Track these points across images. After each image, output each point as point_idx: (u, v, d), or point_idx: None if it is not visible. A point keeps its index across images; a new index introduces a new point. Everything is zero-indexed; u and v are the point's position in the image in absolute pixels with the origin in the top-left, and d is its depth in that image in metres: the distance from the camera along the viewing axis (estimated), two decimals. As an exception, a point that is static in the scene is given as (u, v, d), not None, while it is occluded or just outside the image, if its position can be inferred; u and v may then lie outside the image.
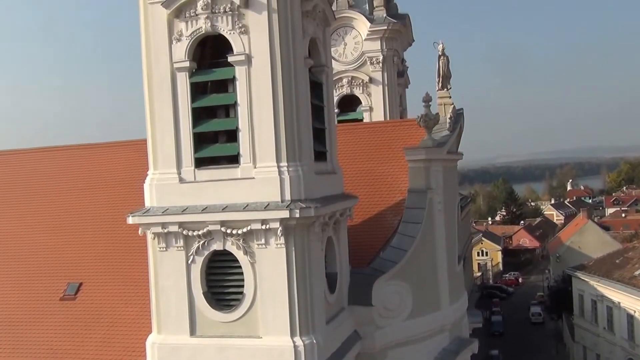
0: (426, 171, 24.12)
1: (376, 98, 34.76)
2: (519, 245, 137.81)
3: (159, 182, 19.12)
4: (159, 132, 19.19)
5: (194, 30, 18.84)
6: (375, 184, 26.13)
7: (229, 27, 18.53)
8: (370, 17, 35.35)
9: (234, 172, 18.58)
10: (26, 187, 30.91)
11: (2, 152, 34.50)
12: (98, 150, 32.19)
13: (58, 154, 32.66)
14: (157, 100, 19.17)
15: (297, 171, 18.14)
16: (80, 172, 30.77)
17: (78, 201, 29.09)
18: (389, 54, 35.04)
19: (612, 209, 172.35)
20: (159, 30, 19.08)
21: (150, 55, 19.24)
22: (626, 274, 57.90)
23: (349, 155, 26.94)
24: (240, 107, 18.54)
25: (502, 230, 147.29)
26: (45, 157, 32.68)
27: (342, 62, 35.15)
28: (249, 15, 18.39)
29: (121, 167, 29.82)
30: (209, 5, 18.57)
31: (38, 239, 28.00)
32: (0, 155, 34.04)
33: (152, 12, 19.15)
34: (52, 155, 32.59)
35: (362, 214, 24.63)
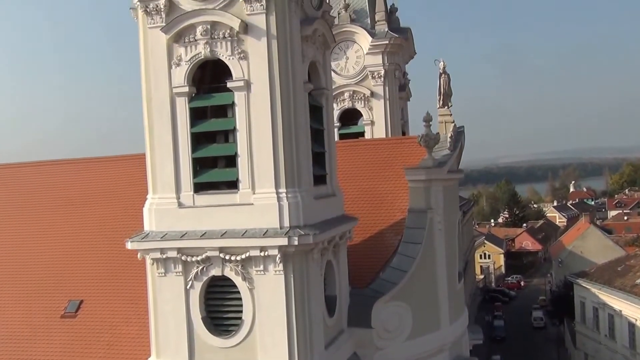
0: (426, 191, 24.08)
1: (377, 112, 34.71)
2: (522, 247, 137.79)
3: (158, 207, 19.10)
4: (158, 157, 19.17)
5: (193, 55, 18.83)
6: (375, 202, 26.10)
7: (228, 52, 18.52)
8: (371, 31, 35.28)
9: (233, 198, 18.56)
10: (29, 201, 31.00)
11: (4, 165, 34.56)
12: (100, 163, 32.27)
13: (61, 167, 32.81)
14: (156, 124, 19.16)
15: (296, 197, 18.13)
16: (82, 186, 30.85)
17: (80, 215, 29.15)
18: (391, 68, 34.96)
19: (615, 212, 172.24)
20: (159, 55, 19.07)
21: (150, 79, 19.24)
22: (627, 282, 57.75)
23: (349, 173, 26.96)
24: (239, 133, 18.52)
25: (505, 232, 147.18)
26: (47, 170, 32.81)
27: (344, 76, 35.12)
28: (248, 41, 18.37)
29: (123, 181, 29.84)
30: (208, 31, 18.56)
31: (40, 254, 28.06)
32: (4, 168, 34.13)
33: (151, 37, 19.14)
34: (54, 169, 32.74)
35: (363, 233, 24.62)
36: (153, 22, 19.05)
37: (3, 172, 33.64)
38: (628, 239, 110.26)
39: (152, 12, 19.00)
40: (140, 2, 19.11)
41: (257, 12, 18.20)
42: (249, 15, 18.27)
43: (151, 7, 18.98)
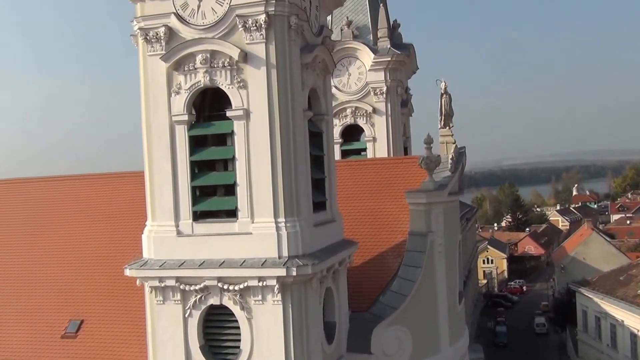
0: (427, 214, 24.02)
1: (380, 129, 34.65)
2: (525, 252, 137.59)
3: (156, 235, 19.10)
4: (157, 184, 19.16)
5: (193, 84, 18.81)
6: (376, 223, 26.05)
7: (228, 81, 18.49)
8: (374, 47, 35.23)
9: (232, 227, 18.55)
10: (34, 217, 31.04)
11: (10, 180, 34.72)
12: (105, 180, 32.33)
13: (64, 183, 32.84)
14: (155, 152, 19.16)
15: (295, 227, 18.10)
16: (86, 203, 30.85)
17: (83, 233, 29.15)
18: (393, 84, 34.91)
19: (617, 215, 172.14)
20: (158, 82, 19.07)
21: (150, 106, 19.25)
22: (630, 292, 57.63)
23: (350, 194, 26.93)
24: (239, 162, 18.50)
25: (508, 237, 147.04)
26: (52, 186, 32.89)
27: (346, 92, 35.12)
28: (248, 70, 18.35)
29: (126, 199, 29.79)
30: (207, 59, 18.54)
31: (44, 271, 28.08)
32: (9, 183, 34.25)
33: (151, 64, 19.14)
34: (59, 185, 32.82)
35: (363, 255, 24.56)
36: (153, 49, 19.04)
37: (7, 187, 33.75)
38: (630, 244, 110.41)
39: (152, 40, 18.99)
40: (140, 30, 19.11)
41: (256, 41, 18.17)
42: (248, 44, 18.24)
43: (151, 35, 18.97)
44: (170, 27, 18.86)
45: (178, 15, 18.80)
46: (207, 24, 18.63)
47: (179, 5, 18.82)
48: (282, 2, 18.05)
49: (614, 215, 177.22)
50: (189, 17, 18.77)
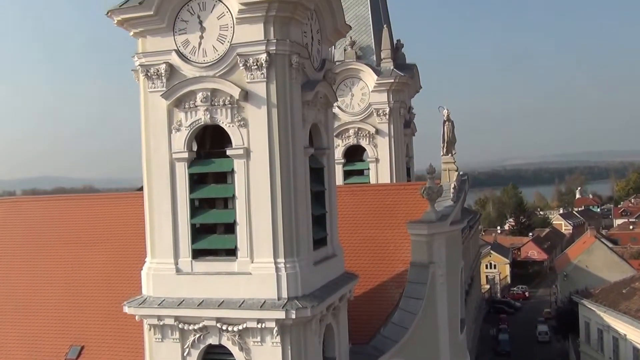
0: (429, 245, 23.95)
1: (382, 150, 34.53)
2: (527, 257, 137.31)
3: (155, 272, 19.00)
4: (157, 221, 19.06)
5: (194, 121, 18.69)
6: (377, 252, 25.93)
7: (228, 119, 18.36)
8: (377, 69, 35.09)
9: (231, 266, 18.43)
10: (33, 239, 31.19)
11: (10, 199, 34.78)
12: (104, 201, 32.41)
13: (65, 204, 33.06)
14: (155, 188, 19.06)
15: (295, 267, 17.98)
16: (86, 224, 31.02)
17: (84, 255, 29.24)
18: (396, 106, 34.80)
19: (620, 220, 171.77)
20: (159, 119, 18.95)
21: (150, 142, 19.14)
22: (632, 305, 57.38)
23: (351, 220, 26.85)
24: (239, 200, 18.37)
25: (511, 241, 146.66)
26: (52, 206, 33.15)
27: (349, 112, 35.01)
28: (248, 108, 18.21)
29: (126, 220, 29.77)
30: (208, 97, 18.40)
31: (43, 296, 28.18)
32: (9, 202, 34.27)
33: (152, 100, 19.03)
34: (58, 205, 33.03)
35: (364, 285, 24.43)
36: (154, 86, 18.92)
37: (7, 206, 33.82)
38: (634, 251, 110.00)
39: (153, 77, 18.88)
40: (141, 67, 19.00)
41: (257, 80, 18.04)
42: (249, 83, 18.11)
43: (152, 72, 18.85)
44: (171, 64, 18.73)
45: (179, 53, 18.66)
46: (208, 61, 18.49)
47: (180, 43, 18.68)
48: (283, 42, 17.90)
49: (616, 219, 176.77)
50: (190, 54, 18.63)
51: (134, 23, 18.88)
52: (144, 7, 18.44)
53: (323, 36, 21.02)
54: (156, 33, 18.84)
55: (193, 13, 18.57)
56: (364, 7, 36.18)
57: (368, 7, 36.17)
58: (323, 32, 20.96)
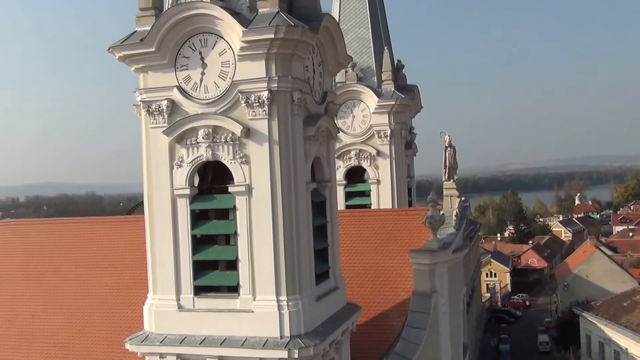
0: (431, 274, 23.87)
1: (384, 171, 34.47)
2: (528, 264, 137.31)
3: (157, 309, 18.92)
4: (159, 257, 19.00)
5: (195, 158, 18.62)
6: (379, 279, 25.87)
7: (230, 156, 18.30)
8: (378, 90, 35.07)
9: (233, 303, 18.34)
10: (35, 262, 31.13)
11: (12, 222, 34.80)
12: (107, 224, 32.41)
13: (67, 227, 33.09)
14: (157, 224, 19.00)
15: (297, 305, 17.88)
16: (88, 248, 30.97)
17: (86, 280, 29.21)
18: (397, 127, 34.76)
19: (620, 227, 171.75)
20: (160, 155, 18.89)
21: (152, 178, 19.08)
22: (634, 319, 57.38)
23: (353, 247, 26.79)
24: (240, 237, 18.29)
25: (511, 248, 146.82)
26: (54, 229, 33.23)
27: (350, 134, 35.00)
28: (250, 145, 18.15)
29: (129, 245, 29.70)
30: (210, 134, 18.34)
31: (44, 323, 28.03)
32: (12, 225, 34.26)
33: (153, 136, 18.96)
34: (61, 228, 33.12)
35: (366, 314, 24.25)
36: (155, 122, 18.86)
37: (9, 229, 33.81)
38: (634, 259, 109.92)
39: (155, 113, 18.83)
40: (143, 103, 18.92)
41: (259, 117, 17.98)
42: (251, 120, 18.05)
43: (153, 108, 18.80)
44: (172, 100, 18.67)
45: (181, 89, 18.60)
46: (210, 98, 18.42)
47: (181, 79, 18.62)
48: (285, 78, 17.85)
49: (616, 226, 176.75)
50: (191, 90, 18.57)
51: (135, 59, 18.83)
52: (145, 44, 18.39)
53: (324, 69, 20.96)
54: (158, 69, 18.79)
55: (194, 49, 18.51)
56: (365, 29, 36.18)
57: (369, 29, 36.16)
58: (324, 65, 20.90)
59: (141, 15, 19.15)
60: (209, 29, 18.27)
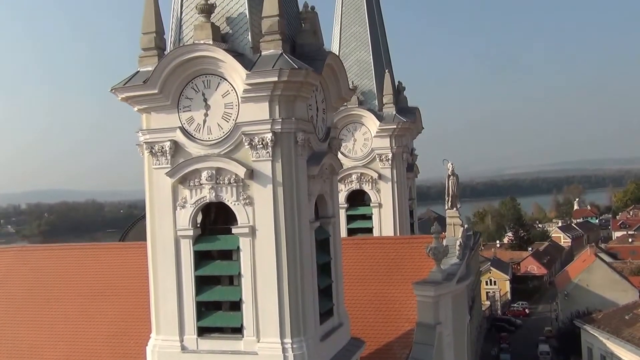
0: (435, 306, 23.77)
1: (385, 195, 34.31)
2: (527, 272, 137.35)
3: (161, 350, 18.86)
4: (162, 297, 18.95)
5: (199, 199, 18.55)
6: (382, 310, 25.73)
7: (234, 198, 18.23)
8: (379, 114, 34.94)
9: (237, 345, 18.26)
10: (39, 290, 30.72)
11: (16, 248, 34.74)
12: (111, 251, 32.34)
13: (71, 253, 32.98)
14: (160, 264, 18.95)
15: (302, 348, 17.81)
16: (93, 275, 30.61)
17: (90, 308, 28.84)
18: (398, 151, 34.63)
19: (619, 232, 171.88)
20: (164, 195, 18.83)
21: (155, 218, 19.03)
22: (636, 332, 57.26)
23: (356, 275, 26.63)
24: (244, 279, 18.22)
25: (510, 255, 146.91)
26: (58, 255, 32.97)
27: (352, 157, 34.84)
28: (254, 187, 18.08)
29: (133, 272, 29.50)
30: (213, 176, 18.28)
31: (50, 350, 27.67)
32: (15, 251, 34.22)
33: (156, 177, 18.91)
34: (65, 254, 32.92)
35: (370, 346, 24.10)
36: (158, 163, 18.80)
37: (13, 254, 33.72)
38: (634, 267, 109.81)
39: (158, 154, 18.77)
40: (146, 144, 18.84)
41: (263, 159, 17.92)
42: (254, 161, 17.99)
43: (156, 149, 18.75)
44: (175, 141, 18.61)
45: (184, 130, 18.55)
46: (213, 139, 18.36)
47: (184, 120, 18.57)
48: (288, 120, 17.81)
49: (615, 232, 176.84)
50: (194, 131, 18.52)
51: (138, 100, 18.79)
52: (148, 86, 18.35)
53: (328, 104, 20.92)
54: (161, 110, 18.75)
55: (197, 90, 18.47)
56: (366, 52, 36.11)
57: (370, 52, 36.06)
58: (328, 101, 20.86)
59: (144, 55, 19.13)
60: (212, 70, 18.23)
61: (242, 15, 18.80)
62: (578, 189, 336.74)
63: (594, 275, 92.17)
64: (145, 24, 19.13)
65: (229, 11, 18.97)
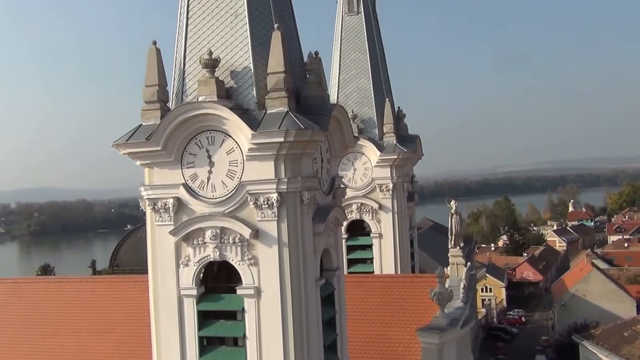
0: (440, 353, 23.47)
1: (386, 225, 33.91)
2: (523, 278, 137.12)
3: (164, 411, 18.45)
4: (165, 357, 18.55)
5: (202, 257, 18.19)
6: (385, 352, 25.51)
7: (238, 257, 17.88)
8: (380, 143, 34.47)
9: (243, 408, 17.90)
10: (35, 324, 30.53)
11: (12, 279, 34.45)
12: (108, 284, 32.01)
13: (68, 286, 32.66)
14: (162, 323, 18.58)
15: None
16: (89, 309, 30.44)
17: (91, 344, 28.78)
18: (399, 181, 34.23)
19: (615, 237, 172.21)
20: (167, 253, 18.46)
21: (157, 275, 18.67)
22: (635, 350, 56.96)
23: (358, 315, 26.35)
24: (249, 340, 17.88)
25: (506, 260, 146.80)
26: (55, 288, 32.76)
27: (352, 187, 34.29)
28: (259, 246, 17.73)
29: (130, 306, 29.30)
30: (217, 235, 17.91)
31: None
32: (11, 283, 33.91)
33: (159, 233, 18.53)
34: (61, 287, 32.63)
35: (373, 391, 23.99)
36: (161, 219, 18.43)
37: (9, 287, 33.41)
38: (630, 274, 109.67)
39: (161, 210, 18.40)
40: (148, 200, 18.47)
41: (268, 219, 17.57)
42: (259, 221, 17.63)
43: (159, 206, 18.38)
44: (179, 198, 18.24)
45: (187, 187, 18.18)
46: (217, 197, 17.99)
47: (188, 176, 18.20)
48: (294, 179, 17.49)
49: (611, 236, 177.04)
50: (198, 188, 18.15)
51: (141, 156, 18.42)
52: (151, 143, 17.97)
53: (332, 153, 20.60)
54: (164, 166, 18.38)
55: (201, 147, 18.10)
56: (366, 80, 35.62)
57: (370, 79, 35.57)
58: (332, 150, 20.54)
59: (146, 109, 18.69)
60: (217, 127, 17.87)
61: (246, 69, 18.43)
62: (573, 189, 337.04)
63: (591, 286, 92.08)
64: (148, 77, 18.68)
65: (233, 64, 18.59)
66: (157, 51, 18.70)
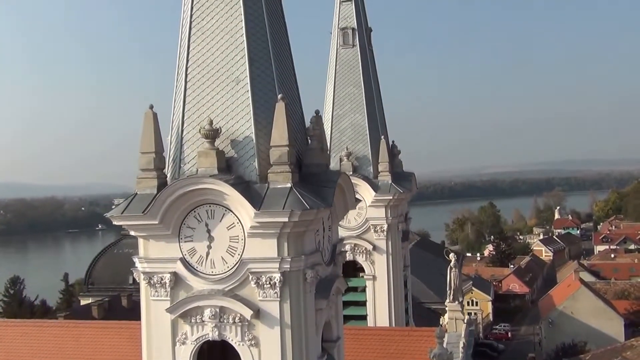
0: (440, 418, 22.84)
1: (380, 267, 32.99)
2: (509, 290, 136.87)
3: None
4: None
5: (200, 336, 17.45)
6: (383, 412, 24.84)
7: (238, 338, 17.17)
8: (374, 182, 33.47)
9: None
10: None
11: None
12: (88, 330, 31.13)
13: (48, 331, 31.73)
14: (159, 404, 17.79)
15: None
16: (77, 357, 29.38)
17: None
18: (394, 222, 33.27)
19: (601, 247, 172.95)
20: (162, 330, 17.69)
21: (152, 353, 17.90)
22: (624, 377, 56.94)
23: (356, 372, 25.68)
24: None
25: (492, 272, 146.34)
26: (33, 333, 31.63)
27: (345, 227, 33.02)
28: (260, 327, 17.06)
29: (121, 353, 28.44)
30: (216, 314, 17.19)
31: None
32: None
33: (154, 309, 17.77)
34: (40, 332, 31.66)
35: None
36: (157, 294, 17.67)
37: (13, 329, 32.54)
38: (618, 289, 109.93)
39: (156, 285, 17.64)
40: (144, 274, 17.73)
41: (270, 299, 16.91)
42: (261, 300, 16.95)
43: (155, 280, 17.63)
44: (176, 273, 17.49)
45: (185, 262, 17.43)
46: (217, 274, 17.27)
47: (186, 250, 17.46)
48: (298, 258, 16.84)
49: (597, 246, 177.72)
50: (197, 264, 17.41)
51: (137, 228, 17.69)
52: (148, 217, 17.23)
53: (333, 219, 20.00)
54: (160, 239, 17.62)
55: (200, 220, 17.38)
56: (361, 115, 34.63)
57: (364, 115, 34.51)
58: (333, 215, 19.91)
59: (142, 177, 17.86)
60: (217, 201, 17.16)
61: (248, 138, 17.74)
62: (558, 195, 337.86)
63: (579, 303, 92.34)
64: (144, 144, 17.83)
65: (234, 133, 17.88)
66: (154, 116, 17.90)
